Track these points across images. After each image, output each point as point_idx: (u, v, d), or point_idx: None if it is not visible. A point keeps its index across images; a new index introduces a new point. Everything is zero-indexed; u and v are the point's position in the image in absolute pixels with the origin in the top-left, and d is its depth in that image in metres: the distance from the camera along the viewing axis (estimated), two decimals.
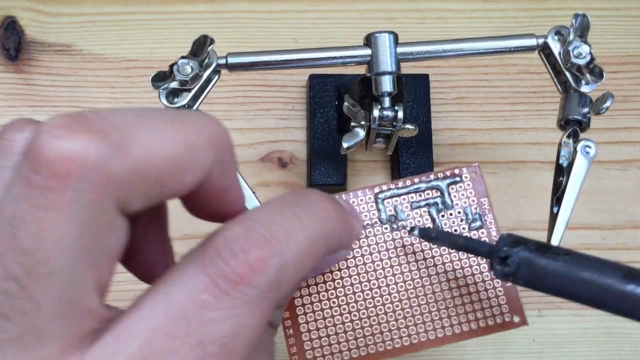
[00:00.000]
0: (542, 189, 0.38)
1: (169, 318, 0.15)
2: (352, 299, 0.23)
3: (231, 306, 0.15)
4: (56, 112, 0.38)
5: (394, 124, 0.30)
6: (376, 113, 0.29)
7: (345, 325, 0.22)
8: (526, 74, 0.40)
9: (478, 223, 0.24)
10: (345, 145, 0.31)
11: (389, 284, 0.23)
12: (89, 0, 0.40)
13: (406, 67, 0.30)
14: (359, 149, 0.35)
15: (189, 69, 0.27)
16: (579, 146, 0.27)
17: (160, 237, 0.19)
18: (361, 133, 0.31)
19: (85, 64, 0.39)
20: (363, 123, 0.31)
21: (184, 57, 0.27)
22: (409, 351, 0.22)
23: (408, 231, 0.23)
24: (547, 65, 0.29)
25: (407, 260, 0.23)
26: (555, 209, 0.26)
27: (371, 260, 0.23)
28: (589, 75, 0.28)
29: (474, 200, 0.24)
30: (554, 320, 0.37)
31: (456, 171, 0.24)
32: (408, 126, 0.30)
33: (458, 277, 0.23)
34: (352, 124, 0.31)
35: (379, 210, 0.23)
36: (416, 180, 0.24)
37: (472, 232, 0.24)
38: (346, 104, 0.32)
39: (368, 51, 0.29)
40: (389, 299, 0.23)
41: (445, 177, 0.24)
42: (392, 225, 0.23)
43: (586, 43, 0.28)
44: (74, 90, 0.39)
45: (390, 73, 0.29)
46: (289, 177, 0.38)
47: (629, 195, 0.38)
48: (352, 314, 0.23)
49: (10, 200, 0.14)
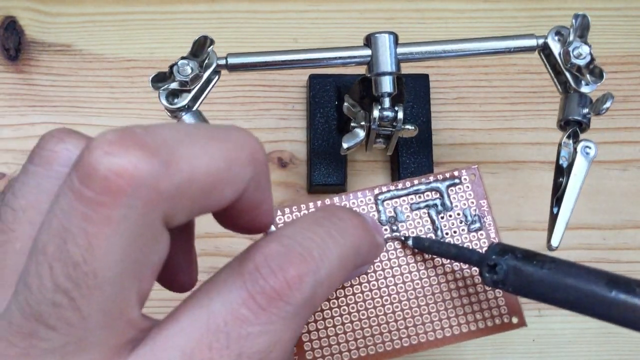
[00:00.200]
0: (542, 189, 0.38)
1: (209, 331, 0.15)
2: (352, 300, 0.23)
3: (268, 321, 0.15)
4: (56, 112, 0.38)
5: (394, 124, 0.30)
6: (376, 113, 0.29)
7: (345, 325, 0.22)
8: (526, 74, 0.40)
9: (477, 225, 0.24)
10: (345, 145, 0.31)
11: (389, 285, 0.23)
12: (89, 0, 0.40)
13: (406, 67, 0.30)
14: (359, 149, 0.35)
15: (188, 70, 0.27)
16: (579, 147, 0.27)
17: (186, 246, 0.20)
18: (361, 133, 0.31)
19: (85, 64, 0.39)
20: (363, 123, 0.31)
21: (183, 58, 0.27)
22: (408, 352, 0.22)
23: (402, 241, 0.23)
24: (547, 66, 0.29)
25: (407, 262, 0.23)
26: (555, 209, 0.26)
27: None
28: (589, 76, 0.28)
29: (473, 202, 0.24)
30: (554, 320, 0.37)
31: (455, 173, 0.24)
32: (408, 126, 0.30)
33: (458, 279, 0.23)
34: (352, 124, 0.31)
35: (378, 211, 0.23)
36: (416, 181, 0.24)
37: (471, 234, 0.24)
38: (346, 104, 0.32)
39: (368, 51, 0.29)
40: (389, 300, 0.23)
41: (445, 179, 0.24)
42: (391, 226, 0.23)
43: (586, 43, 0.27)
44: (74, 90, 0.39)
45: (390, 73, 0.29)
46: (289, 177, 0.38)
47: (629, 195, 0.38)
48: (352, 314, 0.23)
49: (59, 213, 0.14)
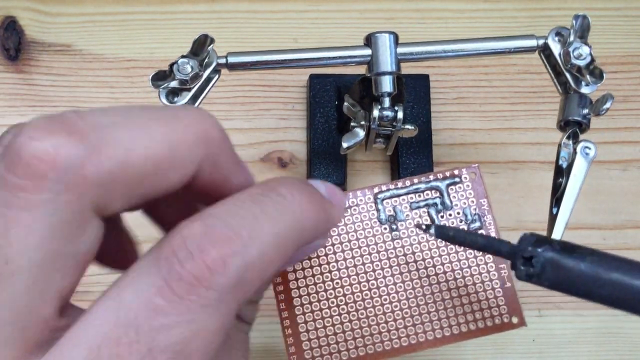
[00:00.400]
0: (542, 189, 0.38)
1: (118, 324, 0.14)
2: (351, 299, 0.23)
3: (186, 311, 0.14)
4: (56, 112, 0.38)
5: (394, 124, 0.30)
6: (376, 113, 0.29)
7: (344, 325, 0.22)
8: (526, 74, 0.40)
9: (477, 224, 0.24)
10: (345, 145, 0.31)
11: (387, 284, 0.23)
12: (89, 0, 0.40)
13: (406, 67, 0.30)
14: (358, 149, 0.35)
15: (189, 68, 0.27)
16: (579, 147, 0.27)
17: (119, 225, 0.19)
18: (361, 133, 0.31)
19: (85, 64, 0.39)
20: (363, 123, 0.31)
21: (184, 57, 0.27)
22: (407, 351, 0.22)
23: (424, 230, 0.22)
24: (547, 66, 0.29)
25: (406, 261, 0.23)
26: (555, 209, 0.26)
27: (370, 260, 0.23)
28: (589, 77, 0.27)
29: (473, 201, 0.24)
30: (554, 320, 0.37)
31: (456, 172, 0.24)
32: (408, 126, 0.30)
33: (457, 278, 0.23)
34: (352, 124, 0.31)
35: (378, 210, 0.23)
36: (415, 180, 0.24)
37: None
38: (346, 104, 0.32)
39: (368, 51, 0.29)
40: (387, 299, 0.23)
41: (445, 178, 0.24)
42: (391, 225, 0.23)
43: (586, 44, 0.27)
44: (74, 90, 0.39)
45: (390, 73, 0.29)
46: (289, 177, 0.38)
47: (629, 195, 0.38)
48: (351, 314, 0.23)
49: None
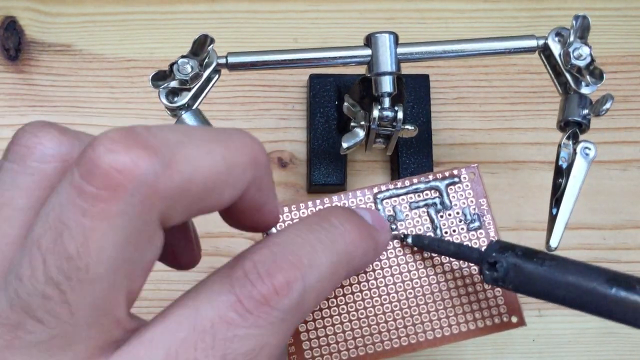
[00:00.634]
0: (542, 189, 0.38)
1: (195, 331, 0.15)
2: (350, 299, 0.23)
3: (255, 325, 0.16)
4: (56, 112, 0.38)
5: (394, 124, 0.30)
6: (376, 113, 0.29)
7: (344, 325, 0.22)
8: (526, 74, 0.40)
9: (477, 224, 0.24)
10: (344, 145, 0.31)
11: (387, 284, 0.23)
12: (89, 0, 0.40)
13: (406, 67, 0.30)
14: (358, 149, 0.35)
15: (189, 68, 0.27)
16: (579, 148, 0.27)
17: (182, 228, 0.20)
18: (361, 133, 0.31)
19: (85, 64, 0.39)
20: (363, 123, 0.31)
21: (184, 56, 0.27)
22: (407, 351, 0.22)
23: (401, 239, 0.23)
24: (547, 67, 0.29)
25: (406, 260, 0.23)
26: (554, 210, 0.26)
27: None
28: (589, 77, 0.27)
29: (472, 201, 0.24)
30: (554, 320, 0.37)
31: (455, 172, 0.24)
32: (408, 127, 0.30)
33: (457, 278, 0.23)
34: (352, 124, 0.31)
35: (377, 210, 0.23)
36: (415, 180, 0.24)
37: (470, 233, 0.24)
38: (346, 104, 0.32)
39: (368, 51, 0.29)
40: (387, 299, 0.23)
41: (444, 178, 0.24)
42: (390, 225, 0.23)
43: (586, 44, 0.27)
44: (74, 90, 0.39)
45: (390, 73, 0.29)
46: (289, 177, 0.38)
47: (629, 195, 0.38)
48: (350, 313, 0.23)
49: (57, 207, 0.14)
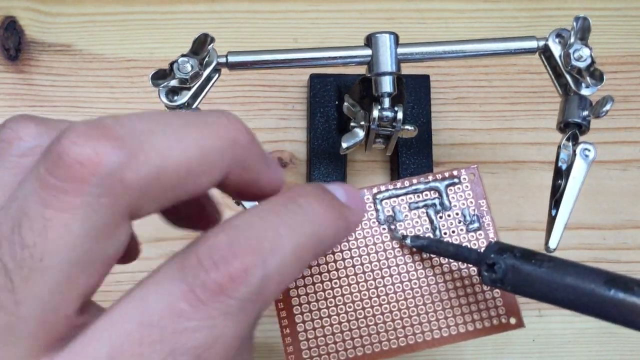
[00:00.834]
0: (542, 189, 0.38)
1: (142, 324, 0.14)
2: (349, 299, 0.23)
3: (208, 316, 0.14)
4: (56, 112, 0.38)
5: (394, 124, 0.30)
6: (376, 113, 0.29)
7: (342, 325, 0.22)
8: (526, 74, 0.40)
9: (476, 225, 0.24)
10: (344, 145, 0.31)
11: (386, 284, 0.23)
12: (89, 0, 0.40)
13: (406, 68, 0.30)
14: (358, 149, 0.35)
15: (189, 67, 0.27)
16: (578, 149, 0.27)
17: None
18: (361, 133, 0.31)
19: (85, 64, 0.39)
20: (363, 123, 0.31)
21: (184, 55, 0.27)
22: (406, 351, 0.22)
23: (400, 240, 0.23)
24: (548, 68, 0.29)
25: (405, 261, 0.23)
26: (554, 211, 0.26)
27: (369, 260, 0.23)
28: (589, 79, 0.27)
29: (472, 202, 0.24)
30: (554, 320, 0.37)
31: (455, 172, 0.24)
32: (407, 127, 0.30)
33: (455, 279, 0.23)
34: (352, 124, 0.31)
35: (377, 210, 0.23)
36: (415, 181, 0.24)
37: (469, 234, 0.24)
38: (346, 104, 0.32)
39: (368, 51, 0.29)
40: (385, 299, 0.23)
41: (444, 179, 0.24)
42: (389, 226, 0.23)
43: (587, 46, 0.27)
44: (74, 90, 0.39)
45: (391, 74, 0.29)
46: (289, 177, 0.38)
47: (629, 195, 0.38)
48: (349, 313, 0.23)
49: (20, 198, 0.14)
